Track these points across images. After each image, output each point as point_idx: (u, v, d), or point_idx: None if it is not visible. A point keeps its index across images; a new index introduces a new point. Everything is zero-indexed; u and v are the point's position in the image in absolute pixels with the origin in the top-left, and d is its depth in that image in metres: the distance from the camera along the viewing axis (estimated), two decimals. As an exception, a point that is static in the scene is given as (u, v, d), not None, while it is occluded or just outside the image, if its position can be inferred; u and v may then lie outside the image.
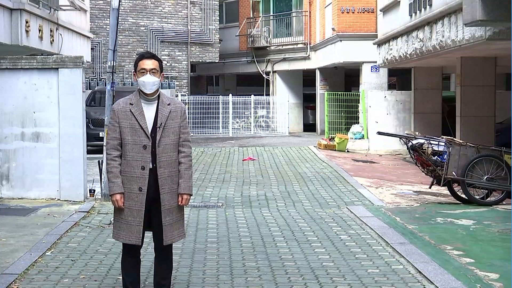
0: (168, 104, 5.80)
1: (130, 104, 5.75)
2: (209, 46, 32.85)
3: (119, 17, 13.07)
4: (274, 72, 33.13)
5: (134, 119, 5.70)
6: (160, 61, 5.84)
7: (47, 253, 7.94)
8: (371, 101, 22.44)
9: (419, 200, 12.40)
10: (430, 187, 12.64)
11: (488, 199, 11.94)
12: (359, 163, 18.65)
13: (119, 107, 5.78)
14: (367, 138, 22.44)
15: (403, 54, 17.88)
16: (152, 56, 5.83)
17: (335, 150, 21.72)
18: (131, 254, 5.87)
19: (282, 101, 30.63)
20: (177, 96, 28.90)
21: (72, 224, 9.66)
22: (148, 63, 5.74)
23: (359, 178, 14.91)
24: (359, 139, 22.62)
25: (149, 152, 5.69)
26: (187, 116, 6.09)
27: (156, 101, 5.79)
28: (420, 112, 21.30)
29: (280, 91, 32.53)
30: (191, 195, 5.87)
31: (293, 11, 32.19)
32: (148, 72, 5.70)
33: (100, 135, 17.78)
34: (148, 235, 6.03)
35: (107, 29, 26.92)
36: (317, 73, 30.07)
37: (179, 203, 5.80)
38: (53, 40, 16.67)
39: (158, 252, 5.93)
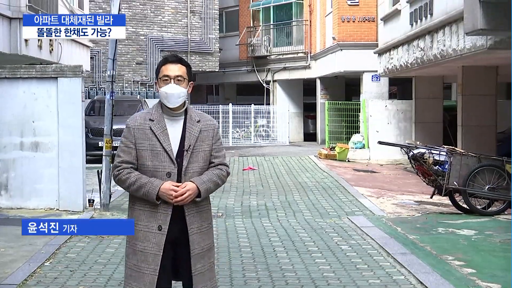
0: (198, 121, 4.54)
1: (150, 120, 4.48)
2: (209, 55, 32.89)
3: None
4: (274, 81, 33.13)
5: (156, 139, 4.44)
6: (188, 67, 4.59)
7: (45, 264, 7.89)
8: (371, 111, 22.41)
9: (420, 210, 12.35)
10: (431, 197, 12.57)
11: (490, 209, 11.88)
12: (360, 172, 18.60)
13: (135, 123, 4.50)
14: (368, 147, 22.39)
15: (404, 63, 17.86)
16: (178, 60, 4.56)
17: (336, 159, 21.67)
18: None
19: (282, 110, 30.63)
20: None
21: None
22: (173, 69, 4.49)
23: (360, 188, 14.86)
24: (360, 148, 22.58)
25: (174, 181, 4.42)
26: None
27: (183, 117, 4.54)
28: (421, 121, 21.28)
29: (280, 100, 32.53)
30: (199, 196, 4.45)
31: (293, 20, 32.23)
32: (172, 80, 4.47)
33: (99, 145, 17.74)
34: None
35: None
36: (318, 82, 30.07)
37: (178, 187, 4.40)
38: (52, 49, 16.64)
39: None
